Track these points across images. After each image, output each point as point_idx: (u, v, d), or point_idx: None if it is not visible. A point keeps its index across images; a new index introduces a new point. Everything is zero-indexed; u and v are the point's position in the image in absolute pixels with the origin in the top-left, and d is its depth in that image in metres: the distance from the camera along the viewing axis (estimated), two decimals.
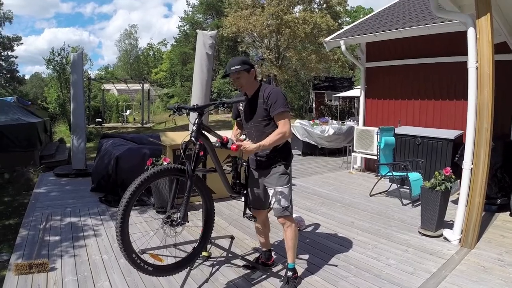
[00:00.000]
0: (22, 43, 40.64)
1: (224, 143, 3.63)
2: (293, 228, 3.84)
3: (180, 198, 3.39)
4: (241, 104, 3.87)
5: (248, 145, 3.51)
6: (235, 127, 4.22)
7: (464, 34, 5.05)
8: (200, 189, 3.70)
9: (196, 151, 3.41)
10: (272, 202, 3.80)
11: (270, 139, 3.54)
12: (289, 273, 3.87)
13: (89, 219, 6.00)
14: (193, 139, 3.37)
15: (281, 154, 3.78)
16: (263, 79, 27.74)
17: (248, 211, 4.08)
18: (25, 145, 11.52)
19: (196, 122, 3.42)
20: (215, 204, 5.95)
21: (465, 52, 5.00)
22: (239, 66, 3.59)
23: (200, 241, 3.83)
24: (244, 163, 4.00)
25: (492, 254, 4.68)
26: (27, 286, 3.78)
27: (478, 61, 4.73)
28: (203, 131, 3.52)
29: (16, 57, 40.38)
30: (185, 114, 3.62)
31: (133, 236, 5.08)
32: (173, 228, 3.34)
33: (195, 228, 5.52)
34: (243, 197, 4.10)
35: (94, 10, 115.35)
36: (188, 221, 3.52)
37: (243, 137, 4.04)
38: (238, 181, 4.01)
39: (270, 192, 3.79)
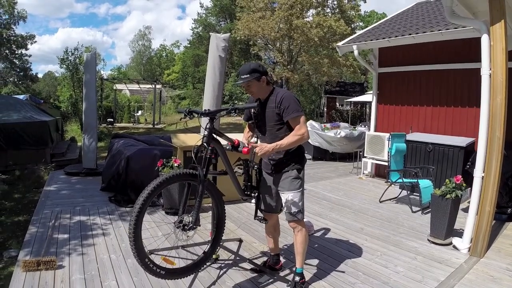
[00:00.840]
0: (36, 42, 40.80)
1: (235, 146, 3.64)
2: (304, 233, 3.83)
3: (191, 199, 3.40)
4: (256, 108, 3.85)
5: (264, 146, 3.50)
6: (247, 129, 4.21)
7: (477, 41, 5.01)
8: (212, 193, 3.72)
9: (208, 156, 3.42)
10: (284, 206, 3.79)
11: (287, 140, 3.52)
12: (297, 278, 3.85)
13: (98, 218, 6.04)
14: (204, 144, 3.38)
15: (294, 158, 3.76)
16: (277, 81, 27.89)
17: (259, 213, 4.07)
18: (36, 143, 11.65)
19: (207, 126, 3.43)
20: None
21: (478, 59, 4.96)
22: (248, 76, 3.56)
23: (211, 245, 3.85)
24: (256, 166, 3.99)
25: (501, 264, 4.63)
26: (35, 283, 3.80)
27: (491, 68, 4.68)
28: (215, 135, 3.52)
29: (30, 55, 40.63)
30: (197, 118, 3.63)
31: (142, 237, 5.11)
32: (185, 232, 3.35)
33: (203, 230, 5.51)
34: (254, 200, 4.10)
35: (108, 10, 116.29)
36: (199, 225, 3.53)
37: (254, 139, 4.04)
38: (249, 183, 4.00)
39: (283, 196, 3.78)
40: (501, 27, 4.56)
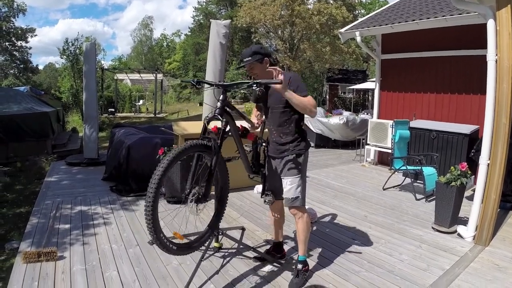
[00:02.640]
0: (36, 35, 40.72)
1: (243, 133, 3.71)
2: (305, 220, 3.78)
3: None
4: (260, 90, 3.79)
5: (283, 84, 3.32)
6: (255, 109, 4.19)
7: (482, 27, 4.93)
8: (220, 164, 3.67)
9: (223, 128, 3.41)
10: (284, 192, 3.76)
11: (299, 98, 3.43)
12: (300, 266, 3.81)
13: (99, 208, 6.01)
14: (218, 115, 3.35)
15: (295, 143, 3.72)
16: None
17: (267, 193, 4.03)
18: (38, 134, 11.63)
19: (220, 98, 3.42)
20: None
21: (482, 45, 4.89)
22: (249, 58, 3.56)
23: (215, 217, 3.88)
24: (264, 144, 3.97)
25: (506, 252, 4.58)
26: (35, 274, 3.77)
27: (497, 54, 4.61)
28: (227, 109, 3.51)
29: (30, 48, 40.47)
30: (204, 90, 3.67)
31: (143, 226, 5.10)
32: (196, 205, 3.30)
33: (205, 218, 5.48)
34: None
35: (108, 0, 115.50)
36: (210, 199, 3.47)
37: (263, 118, 4.05)
38: (256, 161, 3.99)
39: (283, 181, 3.75)
40: (507, 12, 4.47)
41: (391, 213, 6.06)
